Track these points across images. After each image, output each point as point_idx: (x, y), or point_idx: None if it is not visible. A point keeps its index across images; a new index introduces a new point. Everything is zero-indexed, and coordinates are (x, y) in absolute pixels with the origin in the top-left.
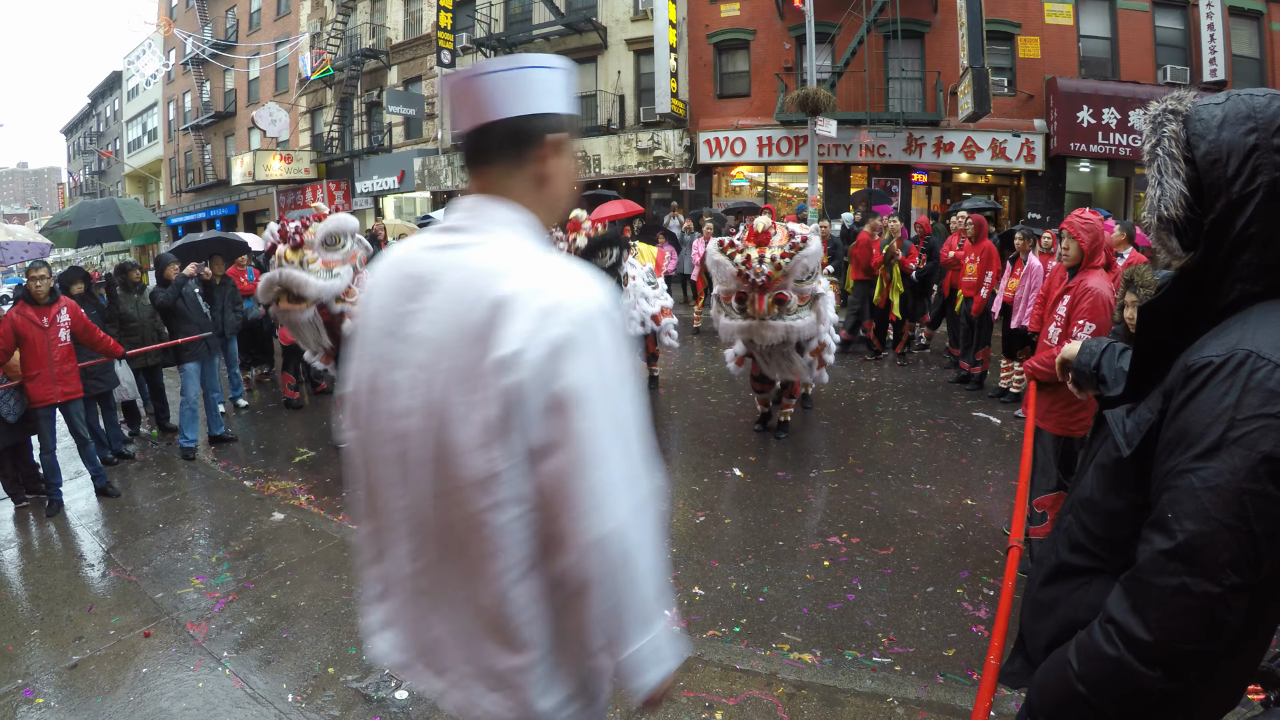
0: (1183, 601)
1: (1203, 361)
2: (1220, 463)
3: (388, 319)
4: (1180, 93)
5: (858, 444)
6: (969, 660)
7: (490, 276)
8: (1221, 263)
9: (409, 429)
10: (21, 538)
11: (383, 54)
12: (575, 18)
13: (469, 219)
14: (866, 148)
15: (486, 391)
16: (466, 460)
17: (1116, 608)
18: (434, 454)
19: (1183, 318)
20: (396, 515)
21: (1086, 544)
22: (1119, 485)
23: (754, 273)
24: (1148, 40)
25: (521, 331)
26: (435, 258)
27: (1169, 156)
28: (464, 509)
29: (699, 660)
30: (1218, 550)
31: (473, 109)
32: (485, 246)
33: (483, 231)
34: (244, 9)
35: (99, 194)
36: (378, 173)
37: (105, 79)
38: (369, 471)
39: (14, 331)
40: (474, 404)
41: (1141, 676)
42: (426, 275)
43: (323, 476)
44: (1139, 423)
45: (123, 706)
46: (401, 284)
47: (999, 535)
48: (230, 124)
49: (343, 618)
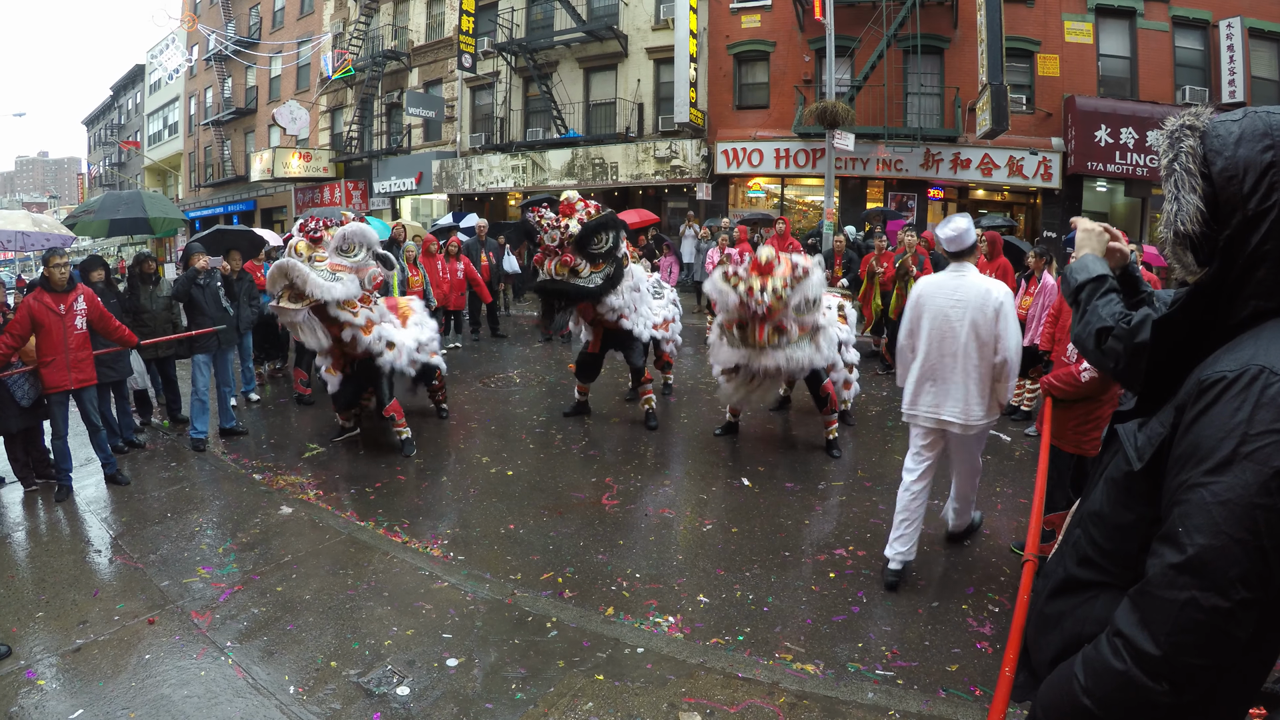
0: (1192, 615)
1: (1216, 376)
2: (1232, 477)
3: (945, 292)
4: (1198, 109)
5: (866, 457)
6: (972, 676)
7: (984, 281)
8: (1236, 279)
9: (961, 329)
10: (30, 521)
11: (404, 56)
12: (596, 25)
13: (961, 268)
14: (884, 162)
15: (989, 312)
16: (985, 338)
17: (1124, 621)
18: (972, 336)
19: (1196, 333)
20: (948, 359)
21: (1095, 558)
22: (1129, 499)
23: (755, 302)
24: (1167, 60)
25: (998, 294)
26: (960, 277)
27: (1186, 172)
28: (982, 354)
29: (701, 668)
30: (1228, 565)
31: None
32: (973, 274)
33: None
34: (268, 7)
35: (119, 185)
36: (396, 173)
37: (128, 72)
38: (939, 346)
39: (30, 317)
40: (988, 316)
41: (1148, 691)
42: (959, 280)
43: (331, 472)
44: (1151, 437)
45: (124, 691)
46: (948, 280)
47: (1005, 552)
48: (250, 120)
49: (347, 612)
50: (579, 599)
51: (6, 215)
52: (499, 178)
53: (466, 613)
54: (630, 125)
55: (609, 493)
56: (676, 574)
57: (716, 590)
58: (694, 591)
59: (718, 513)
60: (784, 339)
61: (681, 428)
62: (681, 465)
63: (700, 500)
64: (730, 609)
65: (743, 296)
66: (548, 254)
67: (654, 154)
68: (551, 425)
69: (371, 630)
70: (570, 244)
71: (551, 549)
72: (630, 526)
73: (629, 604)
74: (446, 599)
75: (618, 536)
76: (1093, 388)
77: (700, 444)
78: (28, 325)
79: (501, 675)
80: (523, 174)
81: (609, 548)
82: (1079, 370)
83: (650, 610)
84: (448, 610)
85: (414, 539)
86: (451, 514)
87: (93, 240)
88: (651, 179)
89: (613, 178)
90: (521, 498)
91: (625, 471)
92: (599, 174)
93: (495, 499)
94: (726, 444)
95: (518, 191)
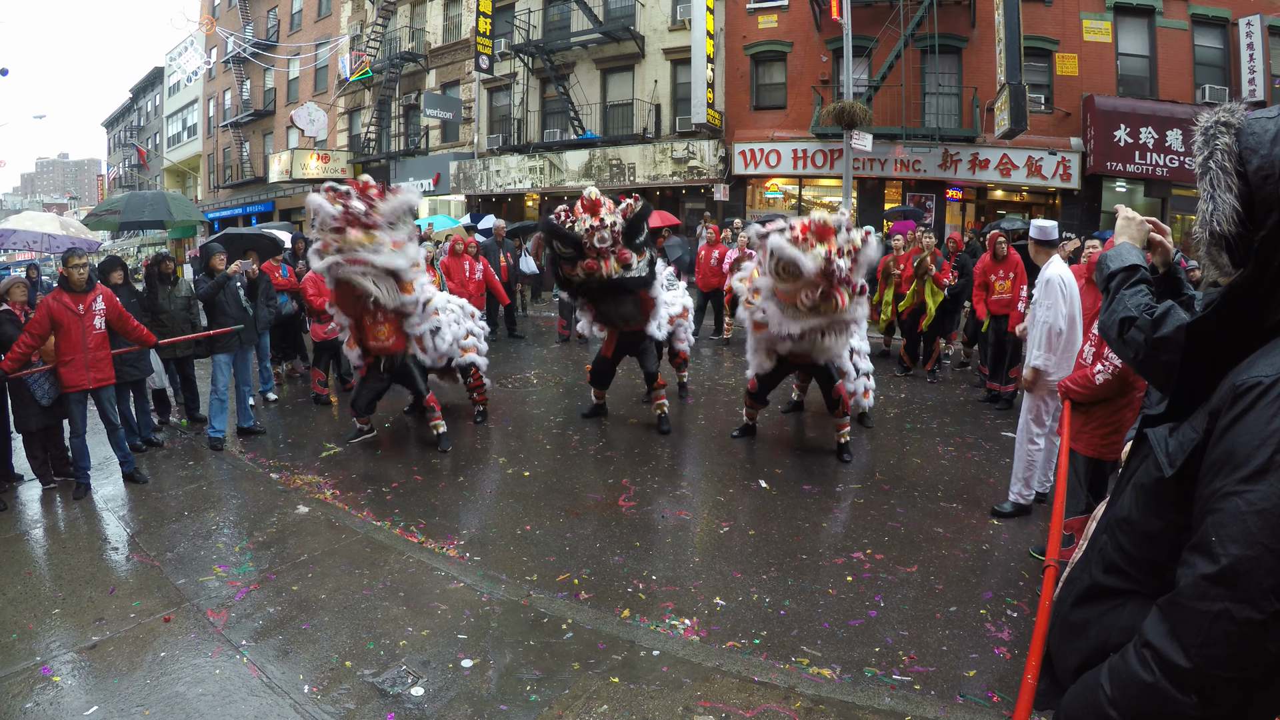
0: (1224, 627)
1: (1252, 381)
2: (1268, 486)
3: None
4: (1232, 104)
5: (885, 460)
6: (989, 681)
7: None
8: (1271, 280)
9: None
10: (47, 519)
11: (421, 58)
12: (613, 26)
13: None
14: (901, 163)
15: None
16: None
17: (1153, 632)
18: None
19: (1231, 336)
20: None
21: (1122, 565)
22: (1159, 506)
23: (837, 268)
24: (1187, 59)
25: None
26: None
27: (1221, 170)
28: None
29: (717, 671)
30: (1262, 576)
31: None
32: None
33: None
34: (285, 9)
35: (139, 187)
36: (413, 175)
37: (147, 74)
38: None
39: (50, 317)
40: None
41: (1177, 703)
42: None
43: (349, 472)
44: (1182, 442)
45: (139, 688)
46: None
47: (1024, 556)
48: (269, 122)
49: (362, 612)
50: (595, 600)
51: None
52: (516, 179)
53: (482, 613)
54: (647, 126)
55: (626, 494)
56: (693, 576)
57: (733, 593)
58: (710, 594)
59: (734, 515)
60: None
61: (699, 429)
62: (698, 467)
63: (717, 502)
64: (747, 612)
65: (822, 261)
66: (601, 256)
67: (671, 155)
68: (569, 426)
69: (387, 630)
70: (621, 239)
71: (568, 550)
72: (647, 528)
73: (645, 606)
74: (462, 599)
75: (634, 538)
76: (1109, 390)
77: (717, 446)
78: (47, 325)
79: (516, 677)
80: (540, 175)
81: (625, 549)
82: (1093, 373)
83: (666, 612)
84: (463, 611)
85: (430, 539)
86: (468, 514)
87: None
88: (669, 180)
89: (630, 179)
90: (538, 499)
91: (642, 473)
92: (616, 175)
93: (512, 500)
94: (743, 446)
95: (535, 192)
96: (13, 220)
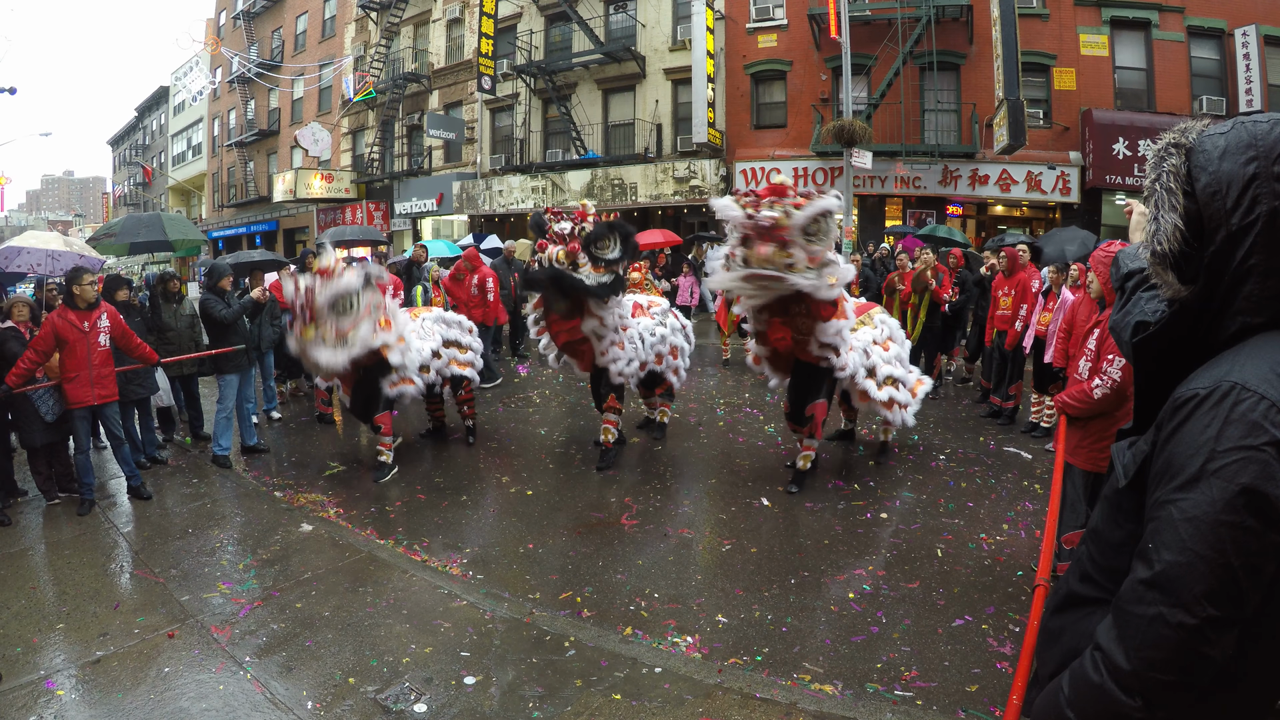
0: (1159, 631)
1: (1189, 394)
2: (1199, 494)
3: None
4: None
5: (887, 476)
6: (992, 696)
7: None
8: (1223, 296)
9: None
10: (52, 535)
11: (424, 78)
12: (614, 47)
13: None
14: (902, 180)
15: None
16: None
17: (1104, 635)
18: None
19: (1188, 351)
20: None
21: (1094, 574)
22: (1119, 516)
23: (761, 217)
24: (1183, 71)
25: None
26: None
27: (1166, 191)
28: None
29: (719, 688)
30: (1193, 582)
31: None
32: None
33: None
34: (290, 30)
35: (142, 205)
36: (416, 194)
37: (152, 93)
38: None
39: (54, 334)
40: None
41: (1122, 705)
42: None
43: (352, 491)
44: (1136, 454)
45: (143, 704)
46: None
47: (1027, 571)
48: (273, 142)
49: (365, 629)
50: (597, 618)
51: (39, 236)
52: (519, 199)
53: (485, 631)
54: (649, 146)
55: (628, 512)
56: (695, 594)
57: (735, 610)
58: (713, 611)
59: (737, 532)
60: (788, 262)
61: (700, 447)
62: (701, 485)
63: (719, 520)
64: (749, 629)
65: (748, 211)
66: (553, 240)
67: (673, 174)
68: (571, 445)
69: (390, 647)
70: (579, 236)
71: (570, 568)
72: (649, 546)
73: (647, 623)
74: (465, 617)
75: (637, 556)
76: (1106, 404)
77: (719, 464)
78: (51, 341)
79: (519, 694)
80: (542, 195)
81: (628, 567)
82: (1091, 387)
83: (669, 630)
84: (466, 628)
85: (433, 557)
86: (471, 533)
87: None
88: (670, 199)
89: (632, 198)
90: (541, 517)
91: (644, 491)
92: (618, 194)
93: (514, 518)
94: (745, 463)
95: None
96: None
